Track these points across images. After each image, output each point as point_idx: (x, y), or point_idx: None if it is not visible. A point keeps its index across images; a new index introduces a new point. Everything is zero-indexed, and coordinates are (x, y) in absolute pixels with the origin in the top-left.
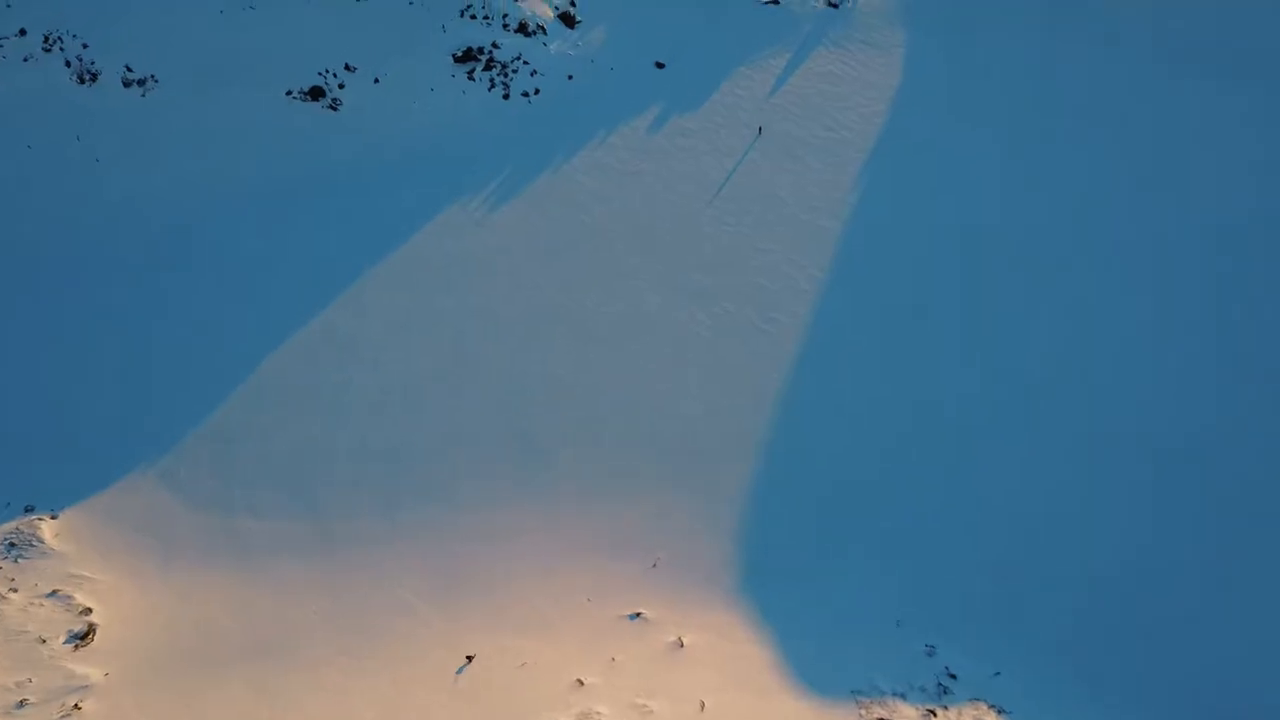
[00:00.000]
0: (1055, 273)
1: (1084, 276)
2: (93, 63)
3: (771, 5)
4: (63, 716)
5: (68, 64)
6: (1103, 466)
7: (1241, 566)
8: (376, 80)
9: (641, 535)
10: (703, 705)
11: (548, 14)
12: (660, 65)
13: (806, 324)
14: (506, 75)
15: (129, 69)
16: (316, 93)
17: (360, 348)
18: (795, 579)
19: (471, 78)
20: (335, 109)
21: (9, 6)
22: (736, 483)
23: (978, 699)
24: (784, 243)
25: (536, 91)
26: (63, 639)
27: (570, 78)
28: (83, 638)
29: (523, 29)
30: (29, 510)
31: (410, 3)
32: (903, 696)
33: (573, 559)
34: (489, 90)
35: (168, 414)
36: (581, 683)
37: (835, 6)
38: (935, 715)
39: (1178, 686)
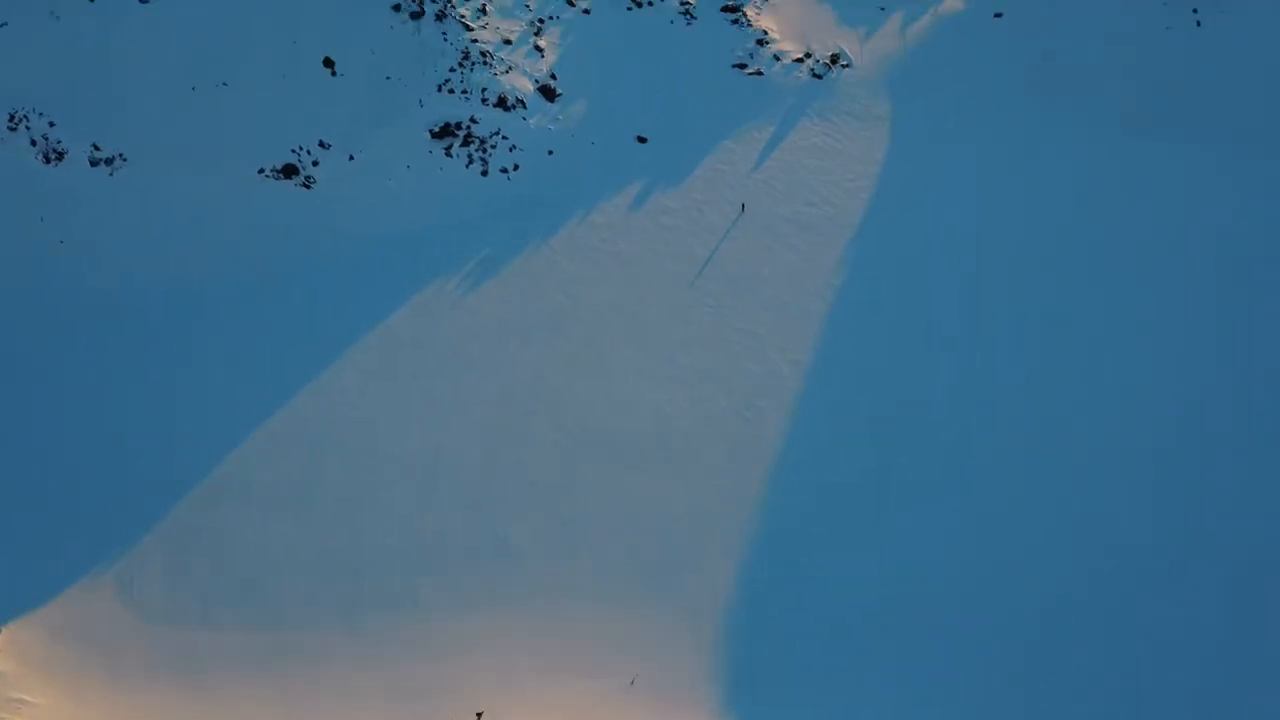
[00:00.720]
0: (1050, 356)
1: (1079, 358)
2: (59, 141)
3: (755, 76)
4: None
5: (33, 143)
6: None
7: None
8: (351, 157)
9: (618, 650)
10: None
11: (528, 88)
12: (642, 139)
13: (791, 412)
14: (485, 151)
15: (96, 147)
16: (289, 170)
17: (326, 443)
18: (782, 697)
19: (449, 154)
20: (309, 187)
21: None
22: (719, 593)
23: None
24: (767, 325)
25: (516, 167)
26: None
27: (550, 153)
28: None
29: (502, 103)
30: None
31: (387, 78)
32: None
33: (546, 676)
34: (467, 166)
35: (122, 517)
36: None
37: (819, 77)
38: None
39: None
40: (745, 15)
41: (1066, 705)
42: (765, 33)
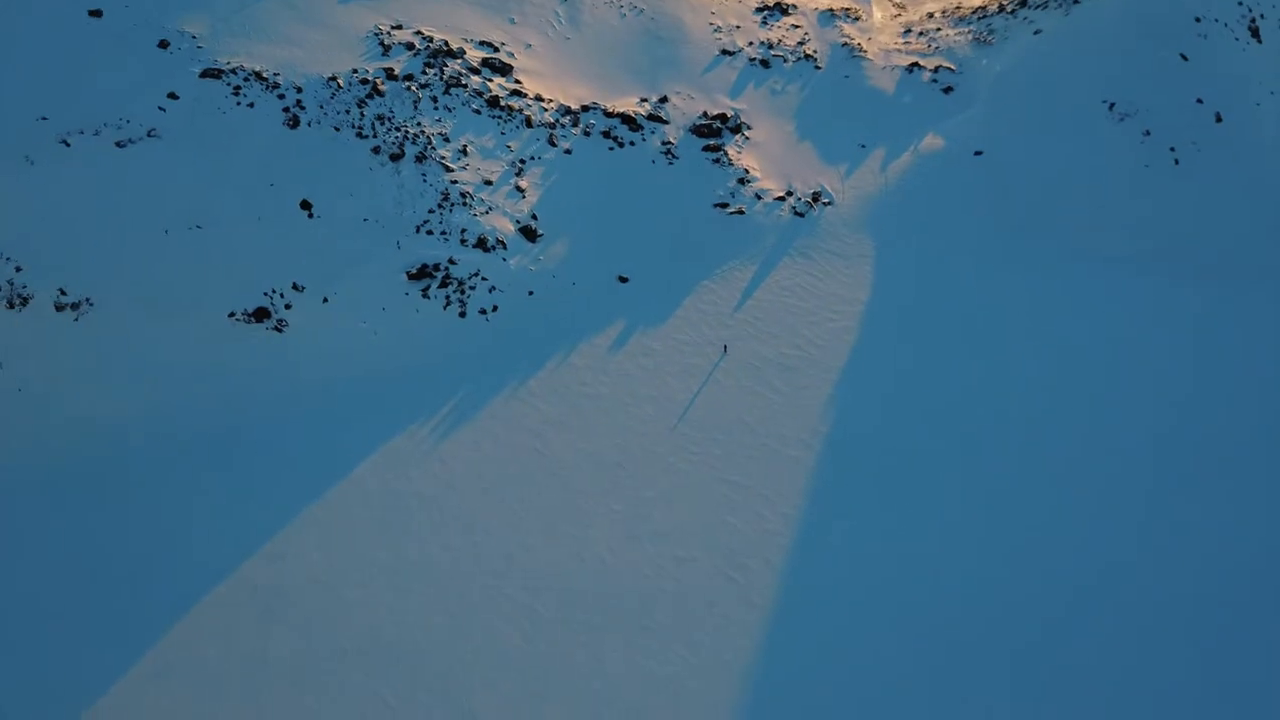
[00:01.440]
0: (1048, 494)
1: (1073, 492)
2: (24, 286)
3: (737, 215)
4: None
5: None
6: None
7: None
8: (325, 300)
9: None
10: None
11: (508, 228)
12: (623, 279)
13: (779, 571)
14: (463, 292)
15: (63, 292)
16: (261, 314)
17: (283, 610)
18: None
19: (426, 295)
20: (280, 330)
21: None
22: None
23: None
24: (752, 475)
25: (495, 309)
26: None
27: (530, 293)
28: None
29: (481, 244)
30: None
31: (365, 220)
32: None
33: None
34: (444, 308)
35: (59, 689)
36: None
37: (801, 216)
38: None
39: None
40: (726, 154)
41: None
42: (746, 171)
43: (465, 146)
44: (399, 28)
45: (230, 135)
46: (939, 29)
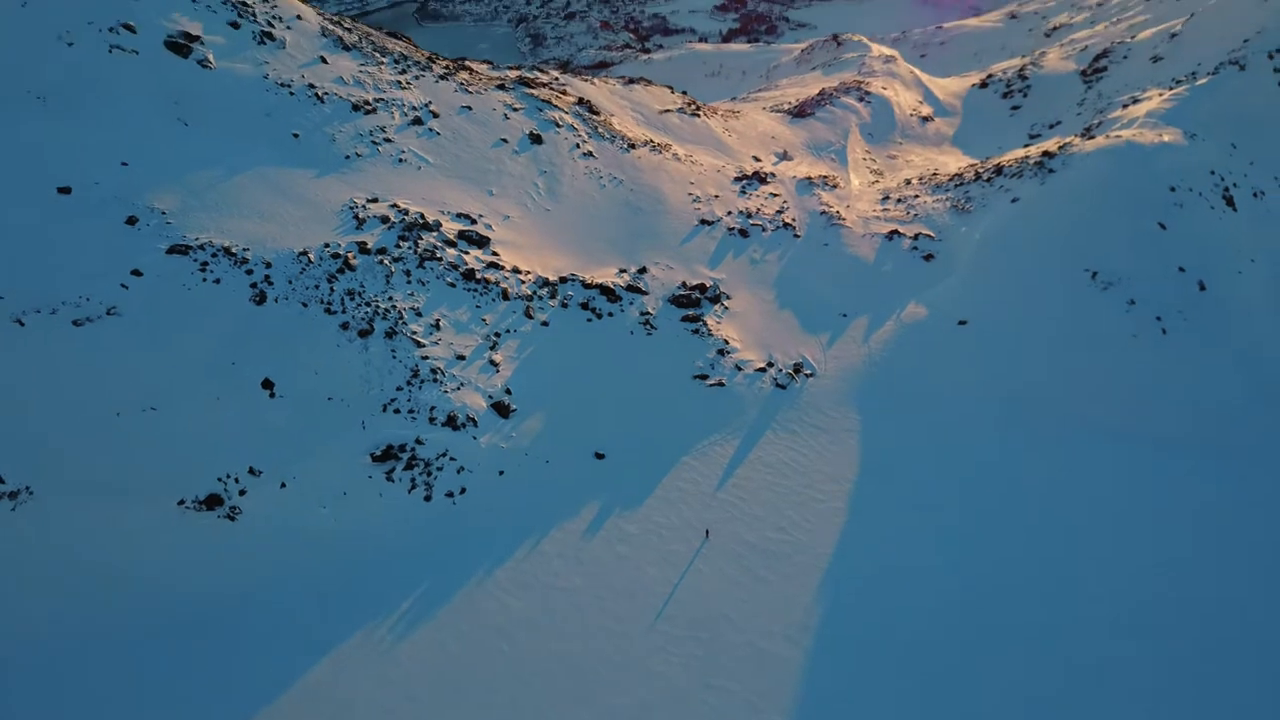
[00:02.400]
0: (1046, 681)
1: (1070, 679)
2: None
3: (717, 387)
4: None
5: None
6: None
7: None
8: (283, 485)
9: None
10: None
11: (480, 404)
12: (600, 456)
13: None
14: (430, 474)
15: (1, 480)
16: (213, 501)
17: None
18: None
19: (390, 478)
20: (233, 518)
21: None
22: None
23: None
24: (737, 677)
25: (463, 491)
26: None
27: (501, 473)
28: None
29: (451, 422)
30: None
31: (329, 399)
32: None
33: None
34: (409, 491)
35: None
36: None
37: (783, 388)
38: None
39: None
40: (706, 324)
41: None
42: (726, 342)
43: (438, 321)
44: (375, 201)
45: (193, 313)
46: (917, 196)
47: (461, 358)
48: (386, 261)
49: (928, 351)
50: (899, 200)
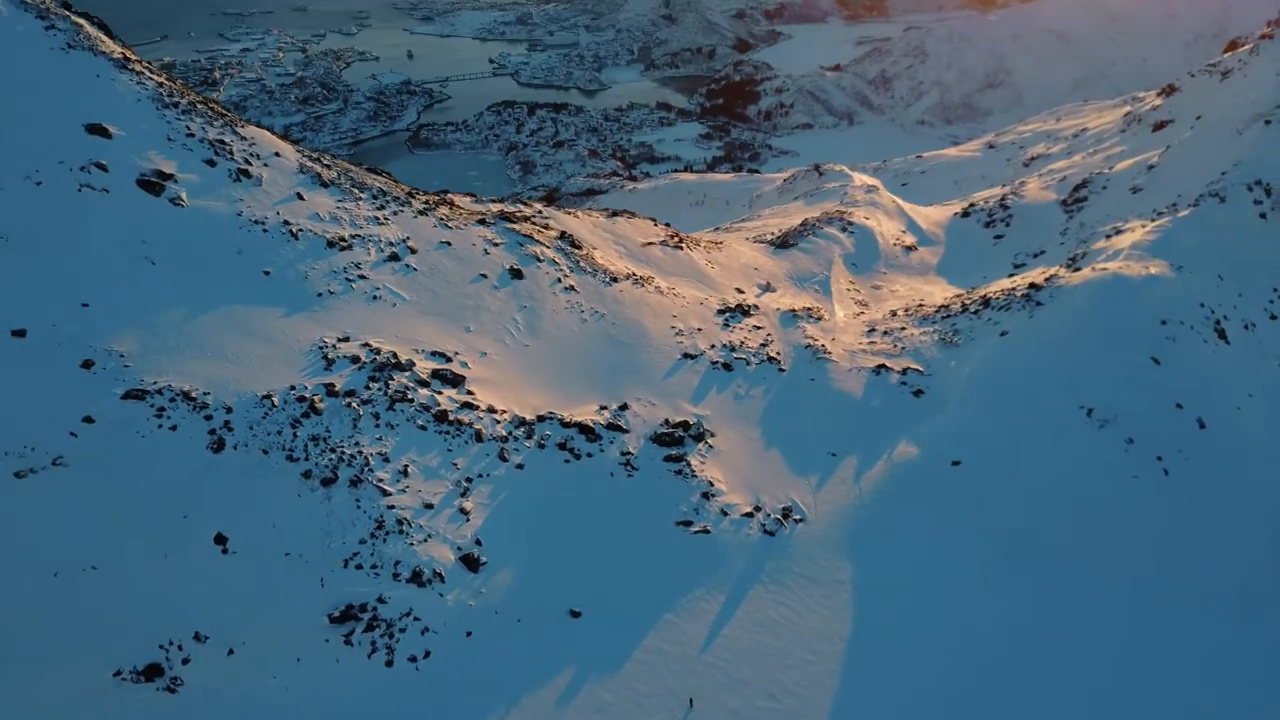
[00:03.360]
0: None
1: None
2: None
3: (701, 534)
4: None
5: None
6: None
7: None
8: (231, 651)
9: None
10: None
11: (448, 557)
12: (576, 614)
13: None
14: (392, 636)
15: None
16: (153, 671)
17: None
18: None
19: (349, 641)
20: (174, 691)
21: None
22: None
23: None
24: None
25: (427, 654)
26: None
27: (469, 634)
28: None
29: (416, 577)
30: None
31: (286, 554)
32: None
33: None
34: (369, 656)
35: None
36: None
37: (771, 534)
38: None
39: None
40: (689, 464)
41: None
42: (711, 484)
43: (406, 467)
44: (346, 340)
45: (146, 462)
46: (904, 328)
47: (430, 506)
48: (355, 404)
49: (921, 493)
50: (885, 333)
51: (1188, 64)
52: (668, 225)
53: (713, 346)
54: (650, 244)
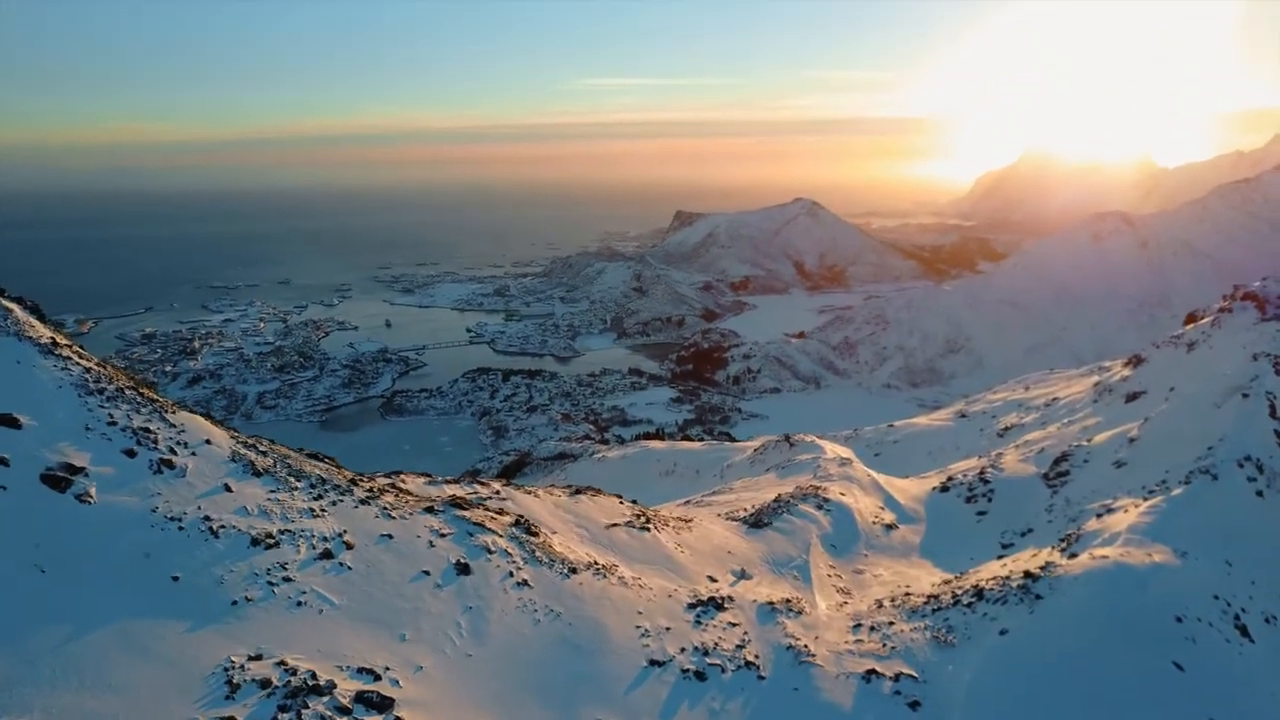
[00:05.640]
0: None
1: None
2: None
3: None
4: None
5: None
6: None
7: None
8: None
9: None
10: None
11: None
12: None
13: None
14: None
15: None
16: None
17: None
18: None
19: None
20: None
21: None
22: None
23: None
24: None
25: None
26: None
27: None
28: None
29: None
30: None
31: None
32: None
33: None
34: None
35: None
36: None
37: None
38: None
39: None
40: None
41: None
42: None
43: None
44: (258, 658)
45: None
46: (892, 623)
47: None
48: None
49: None
50: (872, 628)
51: (1135, 329)
52: (634, 503)
53: (683, 650)
54: (615, 525)
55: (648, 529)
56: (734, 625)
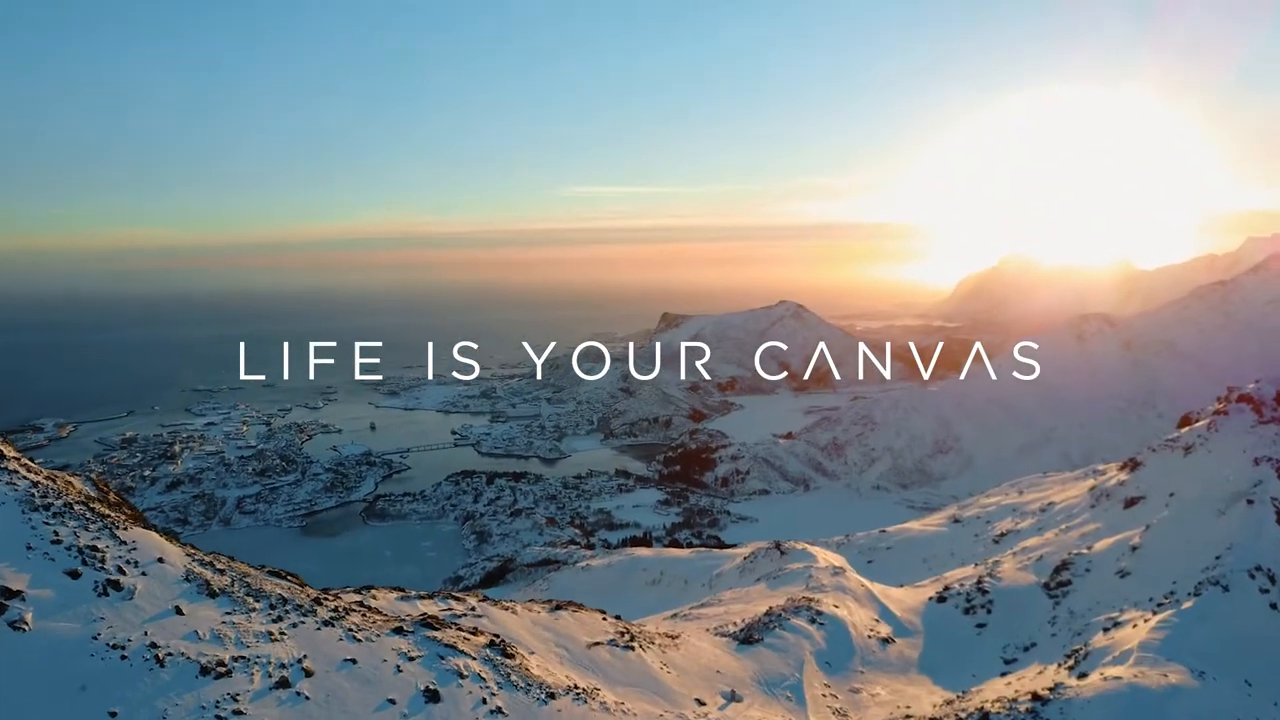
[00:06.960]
0: None
1: None
2: None
3: None
4: None
5: None
6: None
7: None
8: None
9: None
10: None
11: None
12: None
13: None
14: None
15: None
16: None
17: None
18: None
19: None
20: None
21: None
22: None
23: None
24: None
25: None
26: None
27: None
28: None
29: None
30: None
31: None
32: None
33: None
34: None
35: None
36: None
37: None
38: None
39: None
40: None
41: None
42: None
43: None
44: None
45: None
46: None
47: None
48: None
49: None
50: None
51: (1124, 429)
52: (618, 618)
53: None
54: (598, 644)
55: (632, 647)
56: None
